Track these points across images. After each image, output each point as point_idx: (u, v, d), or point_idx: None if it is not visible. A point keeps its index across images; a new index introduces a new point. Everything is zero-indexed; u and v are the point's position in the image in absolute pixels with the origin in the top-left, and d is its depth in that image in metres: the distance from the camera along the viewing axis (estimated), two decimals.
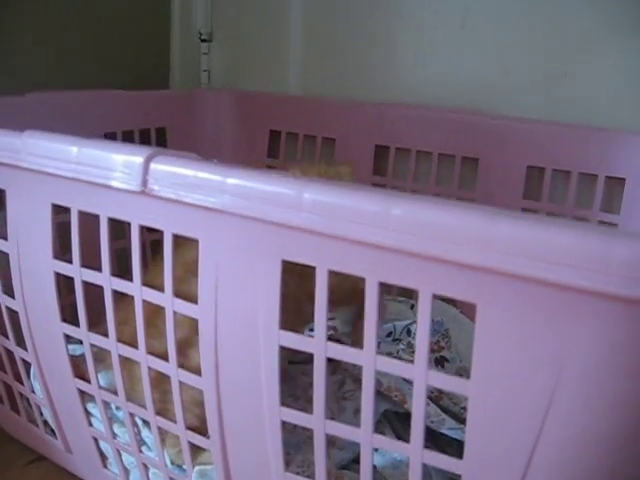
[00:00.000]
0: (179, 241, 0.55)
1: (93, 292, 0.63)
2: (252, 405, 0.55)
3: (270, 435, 0.55)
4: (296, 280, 0.50)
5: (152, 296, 0.58)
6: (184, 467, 0.66)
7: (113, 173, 0.52)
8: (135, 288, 0.59)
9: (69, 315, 0.68)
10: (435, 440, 0.69)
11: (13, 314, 0.74)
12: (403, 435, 0.71)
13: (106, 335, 0.64)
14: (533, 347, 0.40)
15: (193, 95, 1.20)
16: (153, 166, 0.50)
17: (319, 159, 1.12)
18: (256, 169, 0.46)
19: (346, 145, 1.10)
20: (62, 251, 0.66)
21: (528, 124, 0.96)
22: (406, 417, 0.71)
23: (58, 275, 0.65)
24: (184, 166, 0.48)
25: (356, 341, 0.48)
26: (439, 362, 0.79)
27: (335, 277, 0.46)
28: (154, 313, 0.59)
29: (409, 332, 0.81)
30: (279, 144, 1.17)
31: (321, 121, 1.12)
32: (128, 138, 1.08)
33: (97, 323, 0.66)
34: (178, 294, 0.56)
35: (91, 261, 0.62)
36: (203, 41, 1.25)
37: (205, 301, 0.54)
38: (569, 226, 0.35)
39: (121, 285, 0.60)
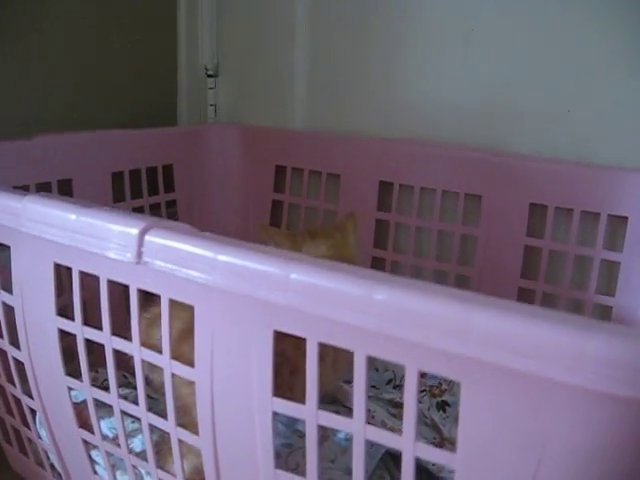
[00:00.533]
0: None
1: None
2: (248, 466, 0.56)
3: None
4: (292, 340, 0.51)
5: (151, 357, 0.59)
6: None
7: (109, 244, 0.53)
8: (134, 348, 0.60)
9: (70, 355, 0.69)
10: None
11: (20, 364, 0.75)
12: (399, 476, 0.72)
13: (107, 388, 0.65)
14: (515, 428, 0.40)
15: (199, 131, 1.22)
16: (148, 238, 0.51)
17: (324, 194, 1.13)
18: (248, 245, 0.47)
19: (351, 181, 1.11)
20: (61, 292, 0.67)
21: (530, 162, 0.97)
22: None
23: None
24: (177, 240, 0.49)
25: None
26: (440, 406, 0.80)
27: None
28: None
29: None
30: (285, 179, 1.18)
31: (326, 157, 1.13)
32: (135, 176, 1.10)
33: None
34: (178, 353, 0.57)
35: (93, 310, 0.63)
36: (209, 76, 1.27)
37: (201, 365, 0.55)
38: (544, 319, 0.36)
39: (121, 344, 0.61)
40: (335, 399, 0.77)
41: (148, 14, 1.19)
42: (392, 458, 0.73)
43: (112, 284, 0.59)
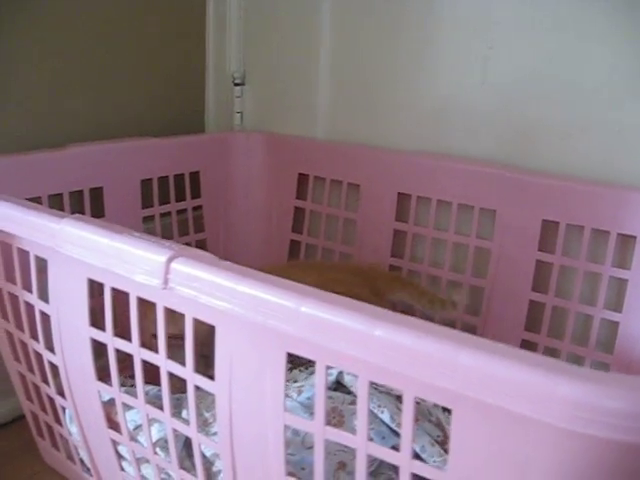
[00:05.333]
0: None
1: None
2: (261, 470, 0.61)
3: None
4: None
5: (176, 369, 0.64)
6: None
7: (137, 269, 0.58)
8: (161, 360, 0.65)
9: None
10: None
11: (53, 366, 0.81)
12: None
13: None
14: (498, 454, 0.45)
15: (225, 138, 1.26)
16: (174, 266, 0.56)
17: (345, 203, 1.18)
18: (264, 277, 0.52)
19: (370, 191, 1.15)
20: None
21: (544, 178, 1.00)
22: None
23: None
24: (201, 269, 0.54)
25: None
26: (444, 409, 0.83)
27: None
28: None
29: None
30: (307, 187, 1.23)
31: (347, 167, 1.18)
32: (164, 182, 1.15)
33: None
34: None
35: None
36: (236, 85, 1.31)
37: (221, 379, 0.60)
38: (522, 361, 0.40)
39: (148, 356, 0.66)
40: (340, 384, 0.81)
41: (178, 25, 1.24)
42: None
43: None
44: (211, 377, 0.61)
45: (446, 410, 0.81)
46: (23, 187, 0.92)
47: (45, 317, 0.78)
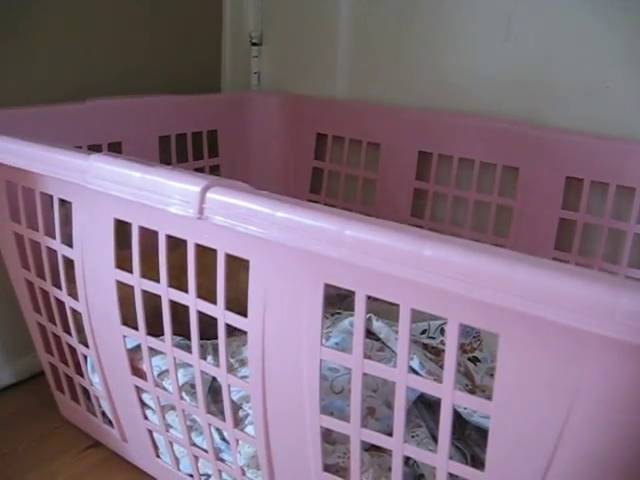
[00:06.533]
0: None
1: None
2: (295, 410, 0.60)
3: (311, 439, 0.60)
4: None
5: (205, 308, 0.63)
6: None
7: (171, 200, 0.57)
8: (190, 300, 0.64)
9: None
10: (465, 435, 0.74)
11: (76, 313, 0.80)
12: (435, 427, 0.75)
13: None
14: (549, 377, 0.44)
15: (243, 99, 1.25)
16: (209, 196, 0.55)
17: (364, 163, 1.16)
18: (303, 203, 0.51)
19: (390, 150, 1.14)
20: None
21: (568, 135, 0.99)
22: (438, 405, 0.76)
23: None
24: (238, 198, 0.53)
25: None
26: (472, 361, 0.83)
27: None
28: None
29: (442, 331, 0.85)
30: (326, 147, 1.21)
31: (367, 126, 1.16)
32: (181, 140, 1.13)
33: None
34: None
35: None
36: (254, 45, 1.30)
37: (254, 316, 0.59)
38: (580, 275, 0.39)
39: (177, 296, 0.65)
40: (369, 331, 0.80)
41: None
42: (424, 405, 0.77)
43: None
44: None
45: (474, 360, 0.80)
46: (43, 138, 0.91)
47: (68, 263, 0.77)
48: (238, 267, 0.59)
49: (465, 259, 0.42)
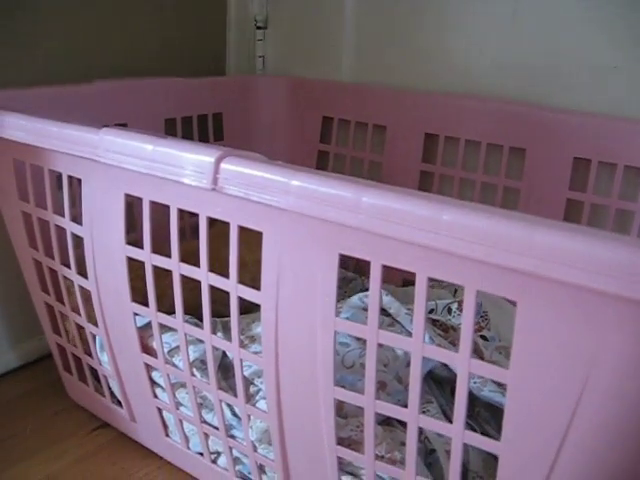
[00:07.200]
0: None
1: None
2: (308, 383, 0.60)
3: (324, 412, 0.60)
4: None
5: (218, 282, 0.63)
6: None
7: (185, 171, 0.56)
8: (202, 274, 0.64)
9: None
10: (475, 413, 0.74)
11: (85, 292, 0.80)
12: (445, 403, 0.75)
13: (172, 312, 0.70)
14: (567, 343, 0.44)
15: (248, 82, 1.24)
16: (223, 166, 0.55)
17: (370, 146, 1.16)
18: (318, 172, 0.51)
19: (397, 132, 1.13)
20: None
21: (575, 116, 0.98)
22: (447, 382, 0.76)
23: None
24: (252, 167, 0.53)
25: None
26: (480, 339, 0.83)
27: None
28: None
29: (450, 310, 0.85)
30: (331, 130, 1.21)
31: (372, 108, 1.16)
32: (187, 123, 1.13)
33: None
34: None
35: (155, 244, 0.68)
36: (258, 28, 1.29)
37: (267, 288, 0.59)
38: (600, 237, 0.39)
39: (188, 270, 0.65)
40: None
41: None
42: (434, 382, 0.77)
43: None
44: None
45: (483, 338, 0.81)
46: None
47: (77, 241, 0.77)
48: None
49: (484, 223, 0.42)
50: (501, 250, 0.41)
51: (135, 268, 0.70)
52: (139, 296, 0.71)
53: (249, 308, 0.67)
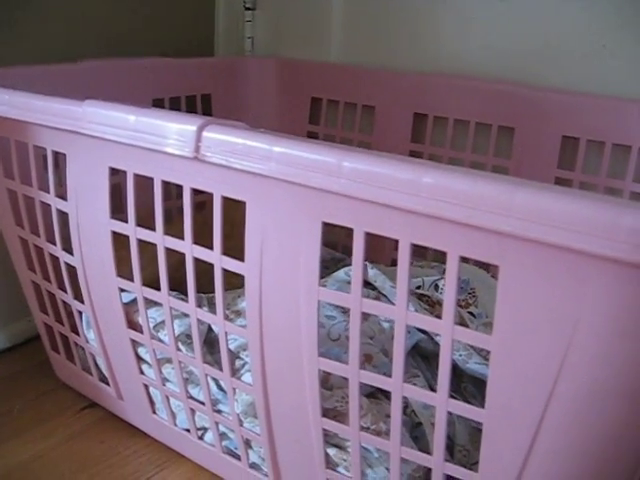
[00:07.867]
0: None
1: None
2: (292, 354, 0.60)
3: (308, 383, 0.60)
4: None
5: (202, 254, 0.63)
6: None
7: (168, 140, 0.56)
8: (186, 246, 0.63)
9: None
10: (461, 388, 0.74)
11: (71, 269, 0.79)
12: (432, 377, 0.75)
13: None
14: (549, 306, 0.43)
15: (237, 63, 1.24)
16: (205, 134, 0.54)
17: (359, 126, 1.16)
18: (300, 138, 0.51)
19: (385, 113, 1.13)
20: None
21: (564, 95, 0.98)
22: (434, 356, 0.76)
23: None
24: (234, 135, 0.53)
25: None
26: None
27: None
28: None
29: (437, 287, 0.85)
30: (320, 111, 1.21)
31: (361, 89, 1.15)
32: (175, 103, 1.13)
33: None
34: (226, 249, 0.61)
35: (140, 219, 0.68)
36: (247, 9, 1.28)
37: (251, 259, 0.59)
38: (581, 197, 0.38)
39: (173, 243, 0.65)
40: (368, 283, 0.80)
41: None
42: (420, 356, 0.77)
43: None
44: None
45: (471, 314, 0.81)
46: None
47: (62, 217, 0.76)
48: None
49: (464, 184, 0.42)
50: (482, 211, 0.41)
51: (121, 240, 0.70)
52: (125, 266, 0.71)
53: (235, 285, 0.67)
